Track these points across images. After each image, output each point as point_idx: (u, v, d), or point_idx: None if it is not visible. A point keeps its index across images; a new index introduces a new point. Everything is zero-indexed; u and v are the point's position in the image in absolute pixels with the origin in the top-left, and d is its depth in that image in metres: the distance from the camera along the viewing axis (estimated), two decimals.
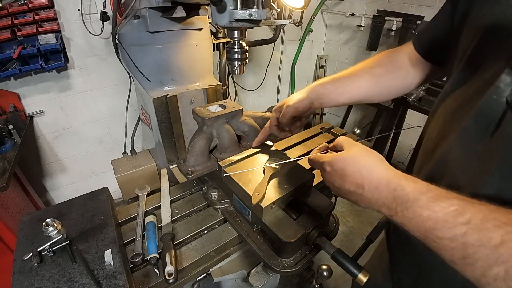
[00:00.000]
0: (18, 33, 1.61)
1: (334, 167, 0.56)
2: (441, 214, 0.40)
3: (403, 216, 0.45)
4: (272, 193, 0.78)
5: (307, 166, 1.17)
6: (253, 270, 1.02)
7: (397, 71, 0.81)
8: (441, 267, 0.60)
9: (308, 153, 0.71)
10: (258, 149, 0.98)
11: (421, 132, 0.71)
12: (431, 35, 0.74)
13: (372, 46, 2.91)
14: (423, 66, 0.79)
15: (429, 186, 0.45)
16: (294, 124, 0.89)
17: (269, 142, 1.01)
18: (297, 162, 0.90)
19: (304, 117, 0.89)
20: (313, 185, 0.89)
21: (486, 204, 0.39)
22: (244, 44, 0.89)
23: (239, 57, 0.90)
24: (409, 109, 2.64)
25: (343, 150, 0.58)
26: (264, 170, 0.87)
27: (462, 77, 0.56)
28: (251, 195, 0.76)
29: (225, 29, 1.24)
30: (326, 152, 0.65)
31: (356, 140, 0.89)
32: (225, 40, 2.19)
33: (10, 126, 1.67)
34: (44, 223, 0.74)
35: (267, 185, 0.80)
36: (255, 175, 0.85)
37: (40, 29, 1.65)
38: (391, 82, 0.82)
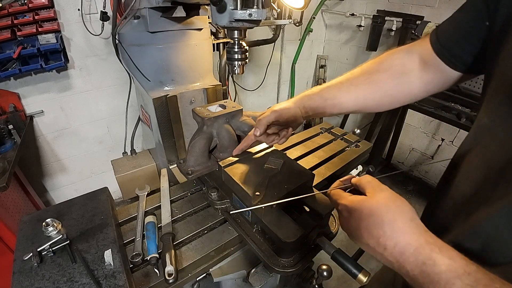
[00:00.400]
0: (18, 33, 1.60)
1: (352, 215, 0.47)
2: None
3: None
4: (272, 193, 0.78)
5: (307, 166, 1.17)
6: (253, 270, 1.02)
7: (402, 77, 0.68)
8: None
9: (330, 178, 0.64)
10: (258, 149, 0.98)
11: (448, 168, 0.58)
12: (458, 33, 0.59)
13: (372, 46, 2.91)
14: (439, 71, 0.63)
15: (468, 266, 0.36)
16: (280, 132, 0.85)
17: None
18: (297, 162, 0.90)
19: (291, 127, 0.85)
20: (313, 185, 0.89)
21: None
22: (244, 44, 0.89)
23: (239, 57, 0.90)
24: (409, 109, 2.64)
25: (365, 194, 0.49)
26: (264, 170, 0.87)
27: None
28: (251, 195, 0.76)
29: (225, 29, 1.24)
30: (348, 188, 0.57)
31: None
32: (225, 40, 2.19)
33: (10, 126, 1.67)
34: (44, 223, 0.74)
35: (267, 185, 0.80)
36: (255, 175, 0.85)
37: (40, 29, 1.65)
38: (393, 90, 0.70)
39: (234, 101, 2.68)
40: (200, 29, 1.43)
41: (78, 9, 1.83)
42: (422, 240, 0.40)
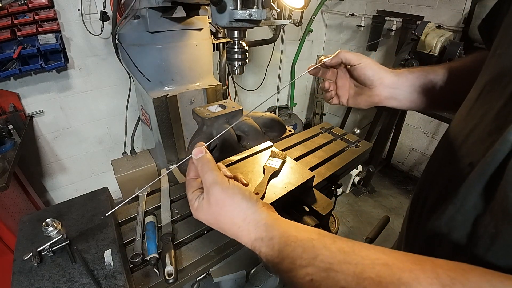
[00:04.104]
0: (18, 33, 1.61)
1: (198, 217, 0.49)
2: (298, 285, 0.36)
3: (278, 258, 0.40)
4: (272, 193, 0.78)
5: (307, 166, 1.17)
6: (253, 270, 1.02)
7: None
8: None
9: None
10: (258, 149, 0.98)
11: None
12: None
13: (372, 46, 2.91)
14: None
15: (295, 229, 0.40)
16: (342, 88, 0.71)
17: (269, 142, 1.01)
18: (297, 162, 0.90)
19: (361, 97, 0.69)
20: (313, 185, 0.89)
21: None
22: (244, 44, 0.89)
23: (239, 57, 0.90)
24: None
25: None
26: (264, 170, 0.87)
27: (489, 81, 0.39)
28: None
29: (225, 29, 1.24)
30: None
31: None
32: (225, 40, 2.19)
33: (10, 126, 1.67)
34: (44, 223, 0.74)
35: (267, 185, 0.80)
36: (255, 175, 0.85)
37: (40, 29, 1.65)
38: None
39: (234, 101, 2.68)
40: (200, 29, 1.43)
41: (78, 9, 1.83)
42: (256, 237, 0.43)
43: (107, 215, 0.57)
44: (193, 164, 0.49)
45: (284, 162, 0.88)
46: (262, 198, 0.75)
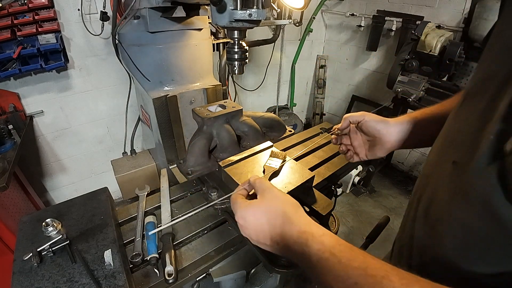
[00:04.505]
0: (18, 33, 1.60)
1: (246, 220, 0.52)
2: (341, 285, 0.39)
3: (310, 267, 0.43)
4: None
5: (307, 166, 1.17)
6: (253, 270, 1.02)
7: None
8: None
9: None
10: (257, 149, 0.98)
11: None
12: None
13: (372, 46, 2.91)
14: None
15: (335, 247, 0.42)
16: (356, 145, 0.80)
17: (269, 142, 1.01)
18: (297, 162, 0.90)
19: (376, 149, 0.76)
20: (313, 185, 0.89)
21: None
22: (244, 44, 0.89)
23: (239, 57, 0.90)
24: (408, 109, 2.64)
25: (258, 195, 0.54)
26: (264, 170, 0.87)
27: (474, 84, 0.42)
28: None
29: (225, 29, 1.24)
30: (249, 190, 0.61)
31: None
32: (225, 40, 2.19)
33: (10, 126, 1.67)
34: (44, 223, 0.74)
35: None
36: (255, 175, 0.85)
37: (40, 29, 1.65)
38: None
39: (234, 101, 2.68)
40: (200, 29, 1.43)
41: (78, 9, 1.83)
42: (302, 229, 0.46)
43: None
44: (241, 187, 0.61)
45: (284, 162, 0.88)
46: None
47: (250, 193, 0.62)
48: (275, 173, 0.85)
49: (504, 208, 0.31)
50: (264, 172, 0.86)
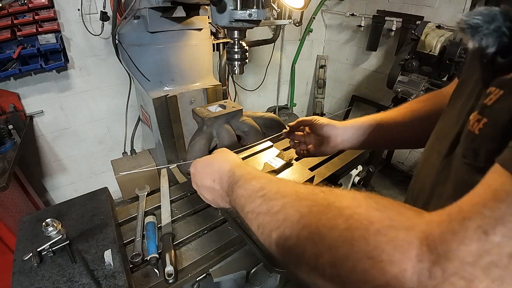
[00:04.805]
0: (18, 33, 1.60)
1: (196, 167, 0.63)
2: (249, 191, 0.46)
3: (233, 199, 0.50)
4: None
5: (307, 166, 1.17)
6: (253, 270, 1.02)
7: None
8: None
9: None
10: (257, 149, 0.98)
11: None
12: None
13: (372, 46, 2.91)
14: None
15: (255, 170, 0.52)
16: (304, 143, 0.89)
17: (269, 142, 1.01)
18: (297, 162, 0.90)
19: (322, 149, 0.86)
20: (313, 185, 0.89)
21: (289, 181, 0.44)
22: (244, 44, 0.89)
23: (239, 57, 0.90)
24: None
25: None
26: (264, 167, 0.87)
27: (457, 86, 0.49)
28: None
29: (225, 29, 1.24)
30: None
31: None
32: (225, 40, 2.19)
33: (10, 126, 1.67)
34: (44, 223, 0.74)
35: None
36: None
37: (40, 29, 1.65)
38: None
39: (234, 101, 2.68)
40: (200, 29, 1.43)
41: (78, 9, 1.83)
42: (234, 164, 0.56)
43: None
44: None
45: (286, 164, 0.88)
46: None
47: None
48: (274, 172, 0.85)
49: (459, 170, 0.34)
50: (263, 171, 0.86)
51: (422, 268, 0.25)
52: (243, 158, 0.94)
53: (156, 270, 0.80)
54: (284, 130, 0.92)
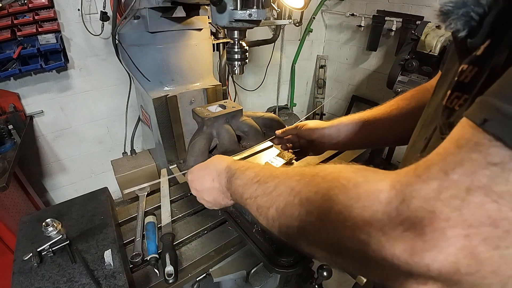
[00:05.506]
0: (18, 33, 1.60)
1: (193, 173, 0.66)
2: (245, 180, 0.50)
3: (232, 192, 0.54)
4: None
5: (308, 165, 1.17)
6: (253, 270, 1.02)
7: None
8: None
9: None
10: (257, 149, 0.99)
11: None
12: None
13: (372, 46, 2.91)
14: None
15: (248, 163, 0.55)
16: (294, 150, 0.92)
17: (269, 142, 1.01)
18: (298, 162, 0.90)
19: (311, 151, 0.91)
20: None
21: (279, 168, 0.47)
22: (244, 44, 0.89)
23: (239, 57, 0.90)
24: None
25: None
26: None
27: (439, 78, 0.53)
28: None
29: (225, 29, 1.24)
30: None
31: None
32: (225, 40, 2.19)
33: (10, 126, 1.67)
34: (44, 223, 0.74)
35: None
36: None
37: (40, 29, 1.65)
38: None
39: (234, 101, 2.68)
40: (200, 29, 1.43)
41: (78, 9, 1.83)
42: (229, 162, 0.58)
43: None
44: None
45: (287, 164, 0.88)
46: None
47: None
48: None
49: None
50: None
51: (391, 208, 0.28)
52: (243, 158, 0.94)
53: (156, 270, 0.80)
54: (273, 137, 0.95)
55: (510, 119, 0.23)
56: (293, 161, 0.91)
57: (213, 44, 2.12)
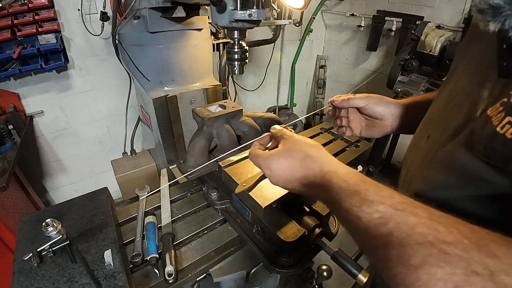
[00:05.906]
0: (18, 33, 1.60)
1: (271, 169, 0.53)
2: (365, 221, 0.37)
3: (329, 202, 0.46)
4: (272, 193, 0.78)
5: None
6: (253, 270, 1.02)
7: None
8: None
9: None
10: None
11: None
12: None
13: (372, 46, 2.91)
14: None
15: (358, 184, 0.43)
16: (350, 126, 0.79)
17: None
18: None
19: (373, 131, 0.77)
20: None
21: (421, 208, 0.34)
22: (244, 44, 0.89)
23: (239, 57, 0.90)
24: None
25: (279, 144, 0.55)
26: None
27: (447, 76, 0.52)
28: (251, 195, 0.76)
29: (225, 29, 1.24)
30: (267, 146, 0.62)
31: None
32: (225, 40, 2.19)
33: (10, 126, 1.67)
34: (44, 223, 0.74)
35: (261, 180, 0.80)
36: (255, 174, 0.85)
37: (40, 29, 1.65)
38: None
39: (234, 101, 2.68)
40: (200, 29, 1.43)
41: (78, 9, 1.83)
42: (325, 169, 0.47)
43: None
44: (257, 143, 0.61)
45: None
46: (249, 191, 0.75)
47: (267, 146, 0.62)
48: None
49: (469, 163, 0.33)
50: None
51: None
52: (243, 159, 0.94)
53: (156, 270, 0.80)
54: (329, 107, 0.79)
55: None
56: None
57: (213, 44, 2.12)
